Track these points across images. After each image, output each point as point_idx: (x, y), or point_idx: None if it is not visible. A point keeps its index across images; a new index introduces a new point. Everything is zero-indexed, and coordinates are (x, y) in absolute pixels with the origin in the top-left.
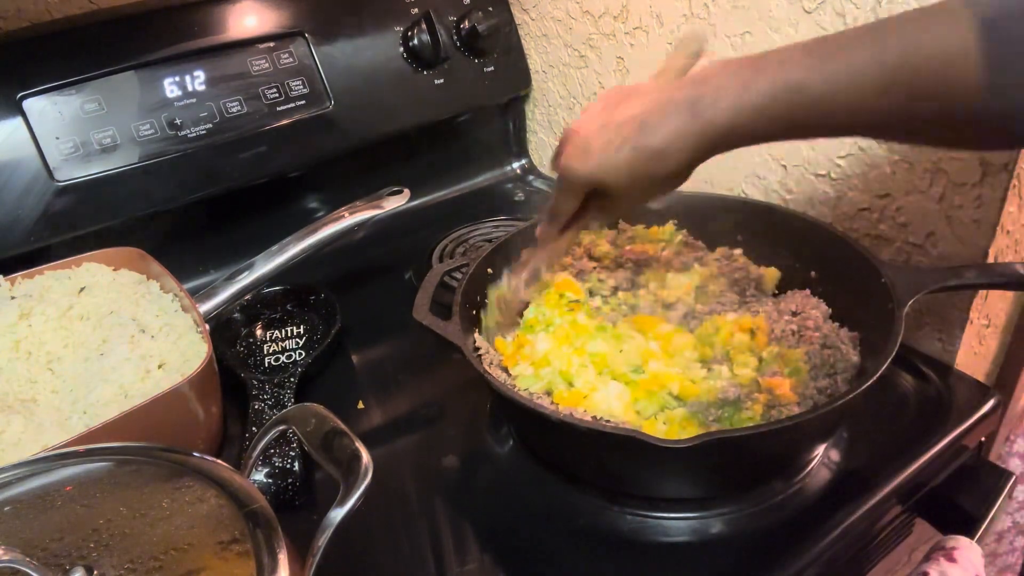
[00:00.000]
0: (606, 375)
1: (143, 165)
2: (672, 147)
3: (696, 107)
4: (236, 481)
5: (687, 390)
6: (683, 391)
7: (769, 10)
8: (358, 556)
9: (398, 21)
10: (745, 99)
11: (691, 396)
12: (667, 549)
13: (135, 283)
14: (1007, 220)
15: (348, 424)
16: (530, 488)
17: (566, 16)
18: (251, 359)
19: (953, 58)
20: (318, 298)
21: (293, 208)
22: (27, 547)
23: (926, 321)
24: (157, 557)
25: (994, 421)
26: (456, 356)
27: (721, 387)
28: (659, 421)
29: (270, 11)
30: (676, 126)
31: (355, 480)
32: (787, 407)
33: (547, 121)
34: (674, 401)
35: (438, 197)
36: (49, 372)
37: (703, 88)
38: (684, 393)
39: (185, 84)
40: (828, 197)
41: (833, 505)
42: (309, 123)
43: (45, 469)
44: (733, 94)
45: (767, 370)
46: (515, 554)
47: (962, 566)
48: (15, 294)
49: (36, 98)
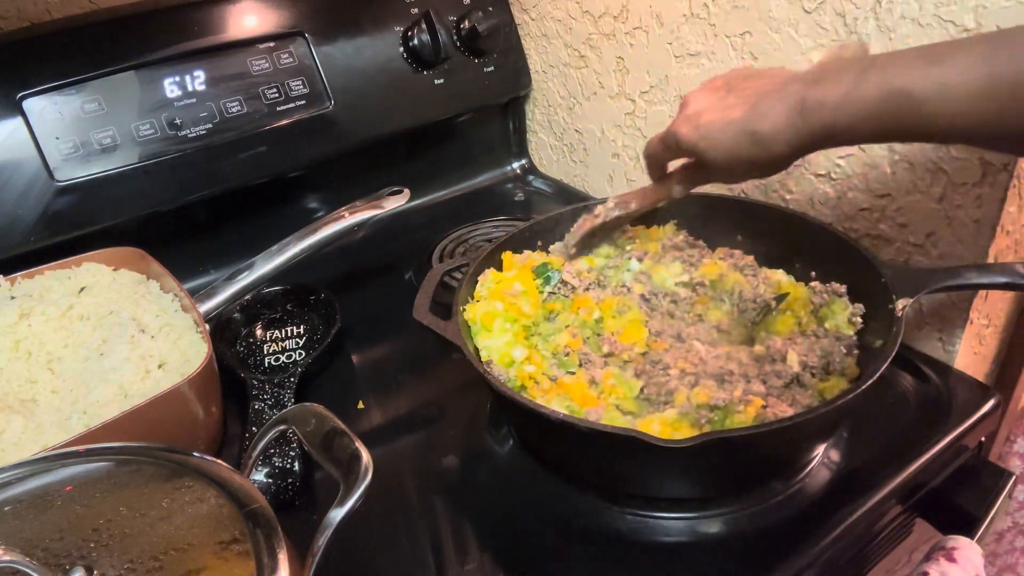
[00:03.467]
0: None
1: (143, 165)
2: (775, 136)
3: (805, 102)
4: (236, 481)
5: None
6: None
7: (769, 10)
8: (358, 556)
9: (398, 21)
10: (851, 99)
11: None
12: (667, 549)
13: (135, 283)
14: (1007, 220)
15: (348, 424)
16: (530, 488)
17: (566, 16)
18: (251, 359)
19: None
20: (318, 298)
21: (293, 208)
22: (27, 547)
23: (926, 321)
24: (157, 557)
25: (994, 421)
26: (456, 356)
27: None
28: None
29: (270, 11)
30: (783, 116)
31: (355, 480)
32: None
33: (547, 121)
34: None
35: (438, 197)
36: (49, 372)
37: (815, 85)
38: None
39: (185, 84)
40: (828, 197)
41: (833, 505)
42: (309, 123)
43: (45, 469)
44: (840, 93)
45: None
46: (515, 554)
47: (962, 566)
48: (15, 294)
49: (36, 98)
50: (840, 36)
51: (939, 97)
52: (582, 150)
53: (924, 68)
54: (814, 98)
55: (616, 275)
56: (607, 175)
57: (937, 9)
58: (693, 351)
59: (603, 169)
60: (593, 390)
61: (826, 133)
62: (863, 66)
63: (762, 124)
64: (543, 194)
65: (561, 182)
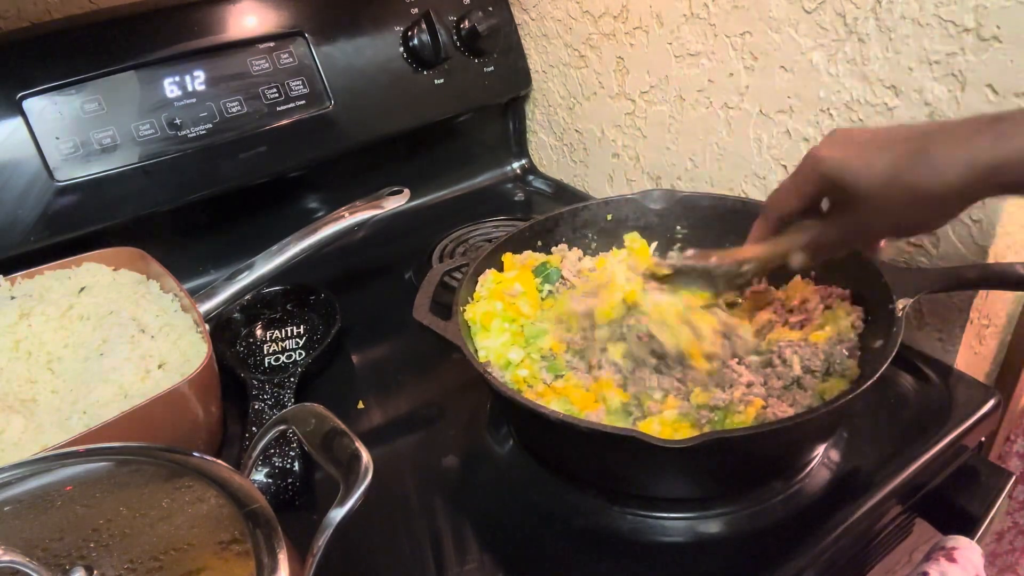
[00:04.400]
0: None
1: (143, 165)
2: (951, 160)
3: (998, 132)
4: (236, 481)
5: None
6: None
7: (769, 10)
8: (358, 556)
9: (398, 21)
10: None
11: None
12: (667, 549)
13: (135, 283)
14: (1007, 220)
15: (348, 424)
16: (530, 488)
17: (566, 16)
18: (251, 359)
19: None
20: (318, 298)
21: (293, 208)
22: (27, 547)
23: (926, 321)
24: (157, 557)
25: (994, 421)
26: (456, 356)
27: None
28: (654, 422)
29: (270, 11)
30: (965, 142)
31: (355, 480)
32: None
33: (547, 121)
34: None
35: (438, 197)
36: (49, 372)
37: (1005, 121)
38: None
39: (185, 84)
40: None
41: (833, 505)
42: (309, 123)
43: (45, 469)
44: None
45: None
46: (515, 554)
47: (962, 566)
48: (15, 294)
49: (36, 98)
50: (840, 36)
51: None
52: (582, 150)
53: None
54: (1007, 129)
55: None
56: (607, 175)
57: (937, 9)
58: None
59: (603, 169)
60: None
61: (1014, 171)
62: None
63: (933, 146)
64: (543, 194)
65: (561, 182)
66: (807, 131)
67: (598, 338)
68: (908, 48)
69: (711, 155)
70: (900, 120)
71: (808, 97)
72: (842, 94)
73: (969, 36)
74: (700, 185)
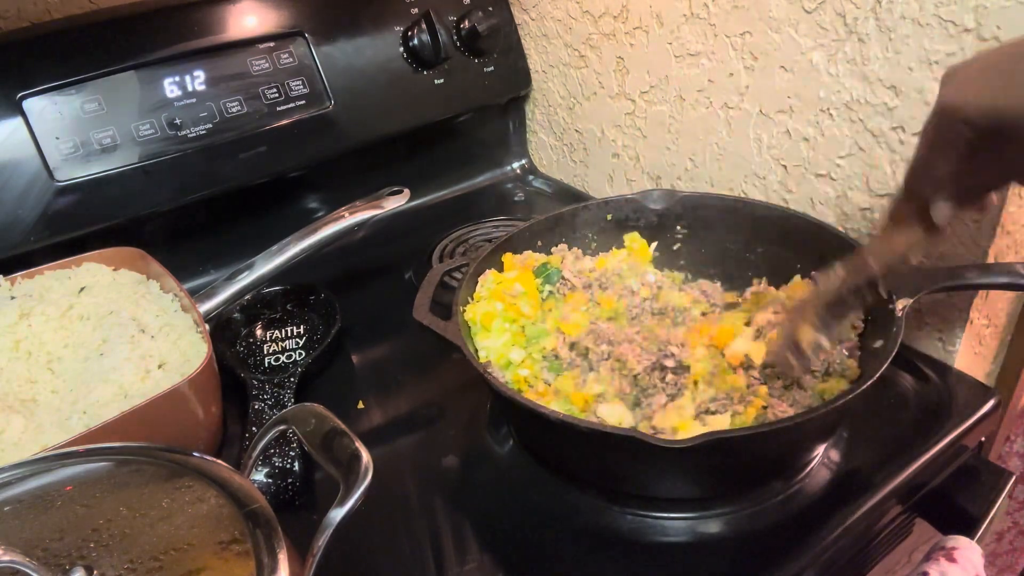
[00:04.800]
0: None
1: (143, 165)
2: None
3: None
4: (236, 481)
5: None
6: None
7: (769, 10)
8: (358, 556)
9: (398, 21)
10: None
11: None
12: (667, 549)
13: (135, 283)
14: (1007, 220)
15: (348, 424)
16: (530, 488)
17: (566, 16)
18: (251, 359)
19: None
20: (318, 298)
21: (293, 208)
22: (27, 547)
23: (926, 321)
24: (157, 557)
25: (994, 421)
26: (456, 356)
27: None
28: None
29: (270, 11)
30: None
31: (355, 480)
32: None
33: (547, 121)
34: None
35: (438, 197)
36: (49, 372)
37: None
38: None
39: (185, 84)
40: (828, 197)
41: (833, 505)
42: (309, 123)
43: (45, 469)
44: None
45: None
46: (515, 554)
47: (962, 566)
48: (15, 294)
49: (36, 98)
50: (840, 36)
51: None
52: (582, 150)
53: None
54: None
55: (620, 281)
56: (607, 175)
57: (937, 9)
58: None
59: (603, 169)
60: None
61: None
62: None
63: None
64: (543, 194)
65: (561, 182)
66: (807, 131)
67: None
68: (908, 48)
69: (711, 155)
70: (900, 120)
71: (808, 97)
72: (842, 94)
73: (969, 36)
74: (700, 185)
